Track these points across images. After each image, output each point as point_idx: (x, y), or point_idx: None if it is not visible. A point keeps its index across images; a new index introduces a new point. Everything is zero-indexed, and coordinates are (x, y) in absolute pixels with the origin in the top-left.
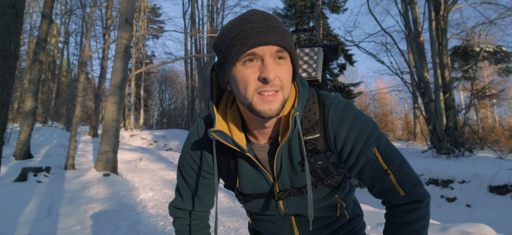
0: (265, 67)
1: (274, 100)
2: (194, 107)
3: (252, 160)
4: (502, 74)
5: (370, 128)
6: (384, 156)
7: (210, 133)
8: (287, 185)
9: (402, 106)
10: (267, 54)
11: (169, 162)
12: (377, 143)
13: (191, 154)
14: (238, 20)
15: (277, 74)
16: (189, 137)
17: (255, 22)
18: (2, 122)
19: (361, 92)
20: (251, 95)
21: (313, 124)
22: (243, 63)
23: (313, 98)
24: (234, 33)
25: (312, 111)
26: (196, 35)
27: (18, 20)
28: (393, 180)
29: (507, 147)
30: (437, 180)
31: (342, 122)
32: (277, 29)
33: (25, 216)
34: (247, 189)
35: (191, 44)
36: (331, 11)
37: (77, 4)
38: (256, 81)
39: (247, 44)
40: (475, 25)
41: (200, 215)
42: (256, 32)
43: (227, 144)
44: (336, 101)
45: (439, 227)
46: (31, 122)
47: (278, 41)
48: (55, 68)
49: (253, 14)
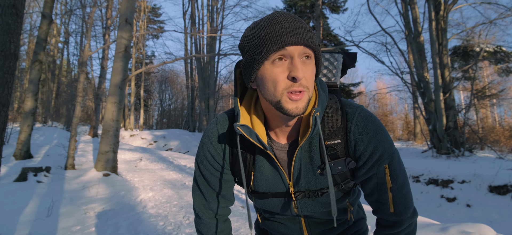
0: (294, 66)
1: (301, 99)
2: (194, 107)
3: (271, 158)
4: (502, 74)
5: (387, 143)
6: (392, 174)
7: (236, 127)
8: (302, 187)
9: (402, 106)
10: (296, 54)
11: (169, 162)
12: (390, 160)
13: (210, 150)
14: (266, 20)
15: (304, 74)
16: (207, 133)
17: (284, 23)
18: (2, 122)
19: (361, 92)
20: (280, 93)
21: (335, 130)
22: (272, 62)
23: (335, 105)
24: (264, 33)
25: (335, 117)
26: (196, 35)
27: (18, 20)
28: (390, 197)
29: (507, 147)
30: (437, 180)
31: (365, 131)
32: (305, 30)
33: (25, 216)
34: (261, 187)
35: (191, 44)
36: (331, 11)
37: (77, 4)
38: (285, 80)
39: (278, 43)
40: (475, 25)
41: (223, 212)
42: (286, 32)
43: (250, 139)
44: (360, 110)
45: (439, 227)
46: (31, 122)
47: (306, 41)
48: (55, 68)
49: (281, 15)
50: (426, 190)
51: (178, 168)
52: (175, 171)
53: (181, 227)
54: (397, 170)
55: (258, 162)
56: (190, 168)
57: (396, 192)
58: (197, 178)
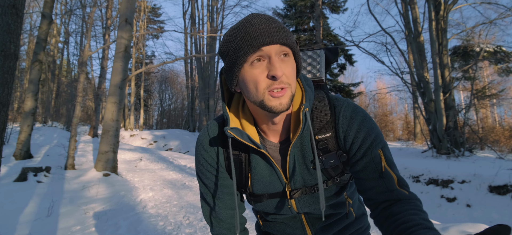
0: (272, 65)
1: (283, 96)
2: (194, 107)
3: (266, 157)
4: (502, 74)
5: (377, 131)
6: (387, 161)
7: (227, 131)
8: (299, 184)
9: (402, 106)
10: (273, 53)
11: (169, 162)
12: (382, 146)
13: (205, 156)
14: (241, 24)
15: (284, 71)
16: (200, 141)
17: (258, 24)
18: (2, 122)
19: (361, 92)
20: (262, 93)
21: (324, 124)
22: (251, 64)
23: (323, 99)
24: (240, 37)
25: (324, 112)
26: (196, 35)
27: (18, 20)
28: (394, 176)
29: (507, 147)
30: (437, 180)
31: (352, 121)
32: (280, 28)
33: (25, 216)
34: (259, 188)
35: (191, 44)
36: (331, 11)
37: (77, 4)
38: (265, 80)
39: (254, 45)
40: (475, 25)
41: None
42: (261, 33)
43: (242, 141)
44: (346, 103)
45: (439, 227)
46: (31, 122)
47: (281, 39)
48: (55, 68)
49: (255, 17)
50: (426, 190)
51: (178, 168)
52: (175, 171)
53: (181, 227)
54: (390, 157)
55: (253, 163)
56: (190, 168)
57: (397, 173)
58: (200, 187)
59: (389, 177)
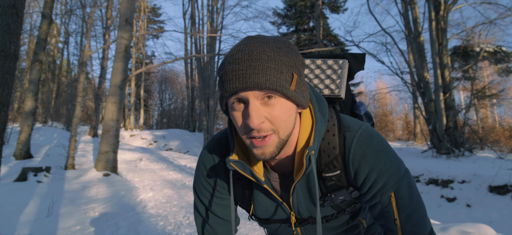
0: (247, 113)
1: (265, 145)
2: (194, 107)
3: (269, 191)
4: (502, 74)
5: (392, 170)
6: (399, 203)
7: (229, 163)
8: (305, 215)
9: (402, 106)
10: (251, 98)
11: (169, 162)
12: (396, 188)
13: (207, 179)
14: (228, 55)
15: (266, 116)
16: (202, 159)
17: (237, 63)
18: (2, 122)
19: (361, 92)
20: (244, 138)
21: (332, 159)
22: (232, 104)
23: (333, 129)
24: (222, 72)
25: (332, 145)
26: (196, 35)
27: (18, 20)
28: (398, 225)
29: (507, 147)
30: (437, 180)
31: (364, 160)
32: (261, 69)
33: (25, 216)
34: (262, 214)
35: (191, 44)
36: (331, 11)
37: (77, 4)
38: (244, 124)
39: (228, 90)
40: (475, 25)
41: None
42: (236, 77)
43: (244, 174)
44: (359, 134)
45: (439, 227)
46: (31, 122)
47: (260, 84)
48: (55, 68)
49: (239, 51)
50: (426, 190)
51: (178, 168)
52: (175, 171)
53: (181, 227)
54: (405, 198)
55: (256, 193)
56: (191, 168)
57: (404, 221)
58: (196, 202)
59: (391, 226)
